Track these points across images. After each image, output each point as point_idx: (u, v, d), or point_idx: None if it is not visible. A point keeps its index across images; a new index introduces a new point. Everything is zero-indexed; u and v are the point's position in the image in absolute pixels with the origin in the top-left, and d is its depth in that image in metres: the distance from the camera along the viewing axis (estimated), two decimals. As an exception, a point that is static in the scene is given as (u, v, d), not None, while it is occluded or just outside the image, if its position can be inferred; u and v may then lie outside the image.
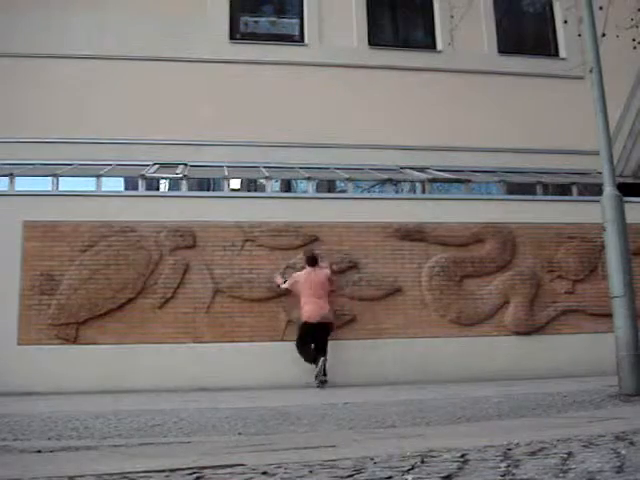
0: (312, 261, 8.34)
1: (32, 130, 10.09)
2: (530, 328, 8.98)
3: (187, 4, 11.17)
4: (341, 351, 8.44)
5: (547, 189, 10.56)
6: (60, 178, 9.25)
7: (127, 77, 10.76)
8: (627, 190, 7.09)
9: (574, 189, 10.43)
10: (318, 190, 10.36)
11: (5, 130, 9.95)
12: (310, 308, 8.06)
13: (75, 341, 8.19)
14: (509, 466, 1.75)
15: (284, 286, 8.32)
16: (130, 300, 8.36)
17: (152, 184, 10.02)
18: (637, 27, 8.48)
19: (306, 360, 7.99)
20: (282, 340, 8.48)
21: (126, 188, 10.20)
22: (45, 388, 7.62)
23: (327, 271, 8.38)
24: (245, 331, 8.46)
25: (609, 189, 5.34)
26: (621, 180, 8.56)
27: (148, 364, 8.11)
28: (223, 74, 11.05)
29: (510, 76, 11.73)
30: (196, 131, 10.42)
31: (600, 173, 5.64)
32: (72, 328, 8.20)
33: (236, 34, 11.80)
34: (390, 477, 1.67)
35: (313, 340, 8.05)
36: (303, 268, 8.43)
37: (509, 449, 2.04)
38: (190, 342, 8.34)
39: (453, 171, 10.58)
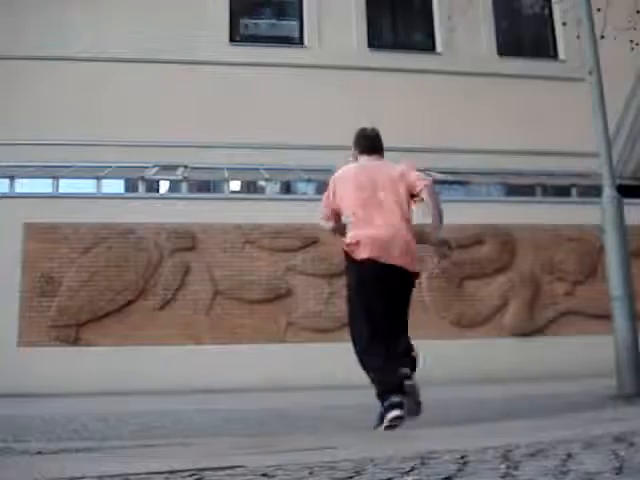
0: (371, 144, 3.92)
1: (33, 132, 10.09)
2: (529, 329, 8.99)
3: (187, 6, 11.19)
4: (340, 353, 8.44)
5: (546, 191, 10.57)
6: (60, 180, 9.27)
7: (127, 79, 10.76)
8: (626, 192, 7.08)
9: (573, 191, 10.44)
10: (318, 192, 10.36)
11: (6, 132, 9.95)
12: (370, 233, 3.60)
13: (75, 343, 8.20)
14: (509, 467, 1.76)
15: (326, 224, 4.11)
16: (130, 302, 8.37)
17: (152, 186, 10.05)
18: (635, 29, 8.48)
19: (367, 370, 3.59)
20: (282, 341, 8.48)
21: (126, 190, 10.22)
22: (45, 390, 7.62)
23: (400, 166, 3.79)
24: (245, 332, 8.46)
25: (608, 191, 5.34)
26: (620, 182, 8.56)
27: (148, 366, 8.11)
28: (223, 76, 11.06)
29: (509, 78, 11.73)
30: (196, 133, 10.42)
31: (600, 175, 5.65)
32: (72, 330, 8.21)
33: (236, 36, 11.81)
34: (390, 479, 1.68)
35: (377, 312, 3.58)
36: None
37: (509, 450, 2.04)
38: (190, 344, 8.34)
39: (452, 173, 10.59)
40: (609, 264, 5.23)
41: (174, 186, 10.12)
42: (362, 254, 3.55)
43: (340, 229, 3.88)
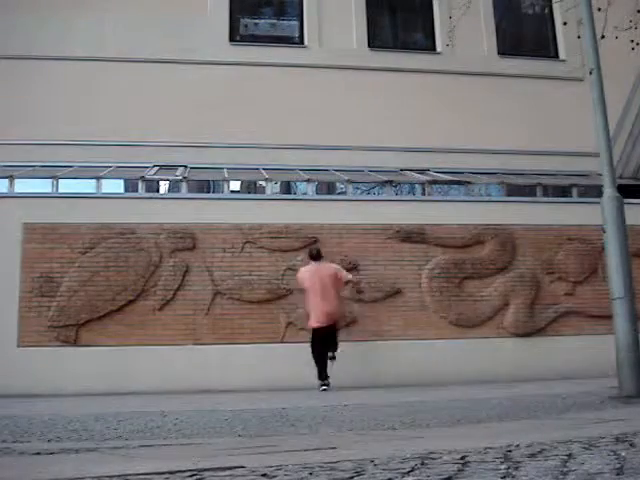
0: (315, 256, 7.98)
1: (32, 132, 10.09)
2: (530, 330, 8.98)
3: (187, 6, 11.18)
4: (341, 353, 8.45)
5: (547, 191, 10.57)
6: (60, 180, 9.26)
7: (127, 79, 10.77)
8: (627, 192, 7.09)
9: (574, 191, 10.44)
10: (318, 192, 10.36)
11: (5, 132, 9.95)
12: (316, 312, 7.68)
13: (75, 343, 8.20)
14: (509, 468, 1.75)
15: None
16: (130, 302, 8.36)
17: (152, 186, 10.04)
18: (635, 28, 8.49)
19: (318, 368, 7.65)
20: (282, 342, 8.48)
21: (126, 190, 10.21)
22: (45, 390, 7.63)
23: (334, 266, 7.95)
24: (245, 333, 8.46)
25: (609, 191, 5.34)
26: (621, 182, 8.56)
27: (148, 366, 8.11)
28: (223, 76, 11.06)
29: (510, 78, 11.74)
30: (196, 133, 10.42)
31: (600, 175, 5.65)
32: (72, 330, 8.20)
33: (236, 36, 11.81)
34: (390, 479, 1.67)
35: (324, 342, 7.70)
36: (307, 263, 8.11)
37: (509, 451, 2.04)
38: (190, 344, 8.34)
39: (453, 173, 10.59)
40: (609, 264, 5.23)
41: (174, 186, 10.12)
42: (314, 324, 7.75)
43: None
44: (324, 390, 7.49)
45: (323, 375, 7.62)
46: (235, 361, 8.25)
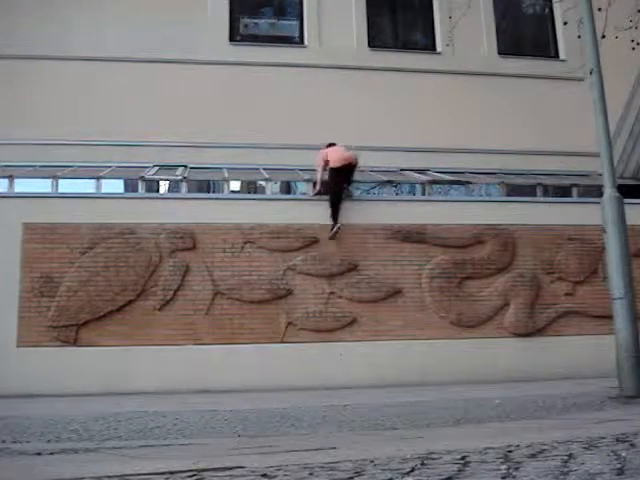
0: (332, 144, 9.37)
1: (32, 132, 10.09)
2: (530, 330, 8.98)
3: (187, 6, 11.18)
4: (342, 352, 8.44)
5: (547, 191, 10.57)
6: (60, 180, 9.26)
7: (127, 79, 10.77)
8: (627, 192, 7.08)
9: (574, 191, 10.44)
10: (318, 192, 10.33)
11: (5, 132, 9.95)
12: (336, 156, 8.98)
13: (75, 343, 8.19)
14: (509, 468, 1.75)
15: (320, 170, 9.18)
16: (130, 302, 8.35)
17: (152, 186, 10.04)
18: (636, 28, 8.49)
19: (332, 211, 8.85)
20: (282, 342, 8.48)
21: (126, 190, 10.21)
22: (45, 390, 7.62)
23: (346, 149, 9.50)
24: (245, 333, 8.45)
25: (609, 191, 5.34)
26: (621, 182, 8.56)
27: (148, 366, 8.10)
28: (223, 76, 11.06)
29: (510, 78, 11.74)
30: (196, 133, 10.42)
31: (600, 175, 5.64)
32: (72, 330, 8.20)
33: (236, 36, 11.81)
34: (390, 479, 1.67)
35: (342, 180, 9.03)
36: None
37: (509, 451, 2.04)
38: (190, 344, 8.34)
39: (453, 173, 10.59)
40: (610, 264, 5.22)
41: (174, 186, 10.12)
42: (334, 164, 8.94)
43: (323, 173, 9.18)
44: (336, 230, 8.82)
45: (336, 218, 8.87)
46: (235, 361, 8.24)
